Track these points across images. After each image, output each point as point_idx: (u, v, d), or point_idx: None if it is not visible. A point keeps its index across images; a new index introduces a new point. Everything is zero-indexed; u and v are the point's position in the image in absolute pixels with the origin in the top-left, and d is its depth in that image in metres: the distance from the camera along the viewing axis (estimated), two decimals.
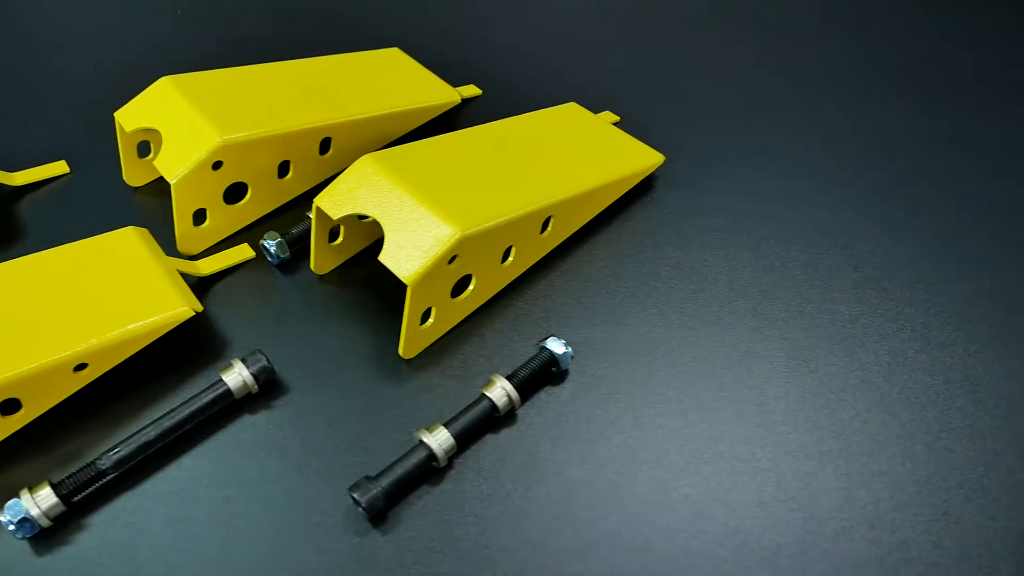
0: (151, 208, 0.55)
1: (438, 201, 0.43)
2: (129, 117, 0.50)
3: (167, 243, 0.50)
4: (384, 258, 0.42)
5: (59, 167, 0.57)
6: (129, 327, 0.42)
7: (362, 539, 0.38)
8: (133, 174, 0.55)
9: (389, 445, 0.42)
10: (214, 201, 0.50)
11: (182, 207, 0.48)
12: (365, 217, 0.47)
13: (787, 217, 0.56)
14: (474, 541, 0.38)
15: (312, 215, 0.46)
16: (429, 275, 0.41)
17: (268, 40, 0.73)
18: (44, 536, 0.38)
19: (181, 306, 0.44)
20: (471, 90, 0.64)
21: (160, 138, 0.53)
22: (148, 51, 0.71)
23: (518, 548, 0.38)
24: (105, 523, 0.39)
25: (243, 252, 0.50)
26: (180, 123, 0.48)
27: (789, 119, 0.65)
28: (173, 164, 0.47)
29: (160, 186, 0.57)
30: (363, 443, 0.42)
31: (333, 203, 0.45)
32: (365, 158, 0.45)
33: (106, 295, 0.43)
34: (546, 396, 0.44)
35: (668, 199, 0.57)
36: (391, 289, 0.49)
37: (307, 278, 0.50)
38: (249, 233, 0.53)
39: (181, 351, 0.46)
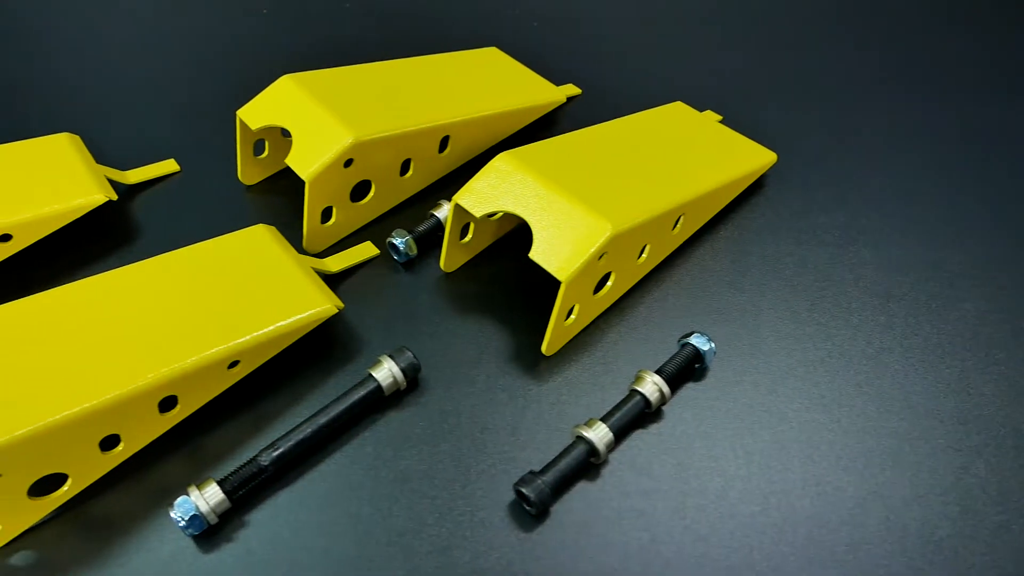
0: (263, 206, 0.56)
1: (586, 199, 0.43)
2: (253, 115, 0.50)
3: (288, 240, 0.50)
4: (536, 255, 0.42)
5: (169, 165, 0.57)
6: (279, 324, 0.42)
7: (528, 535, 0.38)
8: (248, 172, 0.55)
9: (539, 441, 0.42)
10: (341, 199, 0.50)
11: (313, 204, 0.48)
12: (493, 214, 0.47)
13: (905, 215, 0.56)
14: (639, 535, 0.38)
15: (449, 213, 0.46)
16: (582, 272, 0.42)
17: (356, 39, 0.73)
18: (207, 533, 0.38)
19: (325, 303, 0.44)
20: (571, 89, 0.64)
21: (277, 136, 0.54)
22: (239, 50, 0.71)
23: (684, 542, 0.38)
24: (266, 520, 0.39)
25: (368, 250, 0.51)
26: (309, 121, 0.48)
27: (902, 116, 0.65)
28: (307, 161, 0.47)
29: (271, 184, 0.57)
30: (513, 439, 0.42)
31: (474, 201, 0.45)
32: (504, 156, 0.46)
33: (251, 292, 0.43)
34: (689, 392, 0.44)
35: (782, 197, 0.57)
36: (518, 286, 0.50)
37: (432, 275, 0.51)
38: (366, 232, 0.53)
39: (316, 349, 0.46)
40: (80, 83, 0.67)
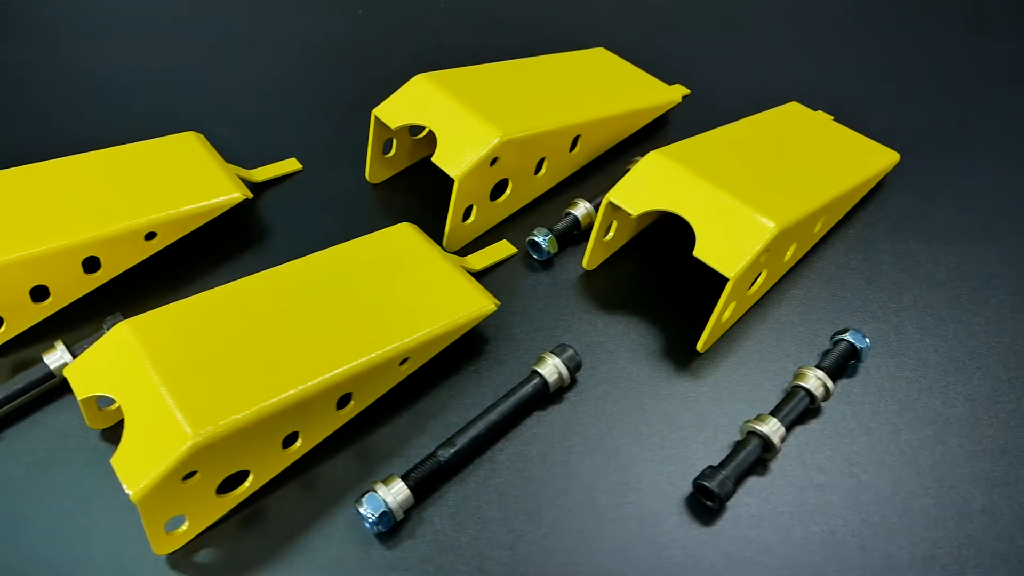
0: (388, 204, 0.56)
1: (745, 196, 0.43)
2: (390, 114, 0.51)
3: None
4: (701, 253, 0.42)
5: (292, 164, 0.57)
6: (447, 322, 0.42)
7: (708, 528, 0.39)
8: (375, 171, 0.55)
9: (703, 438, 0.42)
10: (483, 197, 0.50)
11: (460, 202, 0.48)
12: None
13: None
14: (818, 529, 0.39)
15: (600, 211, 0.47)
16: (749, 270, 0.42)
17: (453, 39, 0.73)
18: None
19: (486, 301, 0.44)
20: (681, 90, 0.64)
21: (405, 135, 0.54)
22: (339, 50, 0.72)
23: (865, 536, 0.38)
24: (442, 516, 0.39)
25: (506, 248, 0.51)
26: (453, 120, 0.49)
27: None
28: (455, 160, 0.47)
29: (396, 182, 0.57)
30: (676, 435, 0.42)
31: (628, 199, 0.45)
32: (656, 154, 0.46)
33: (414, 290, 0.44)
34: (843, 388, 0.45)
35: (905, 197, 0.57)
36: (655, 283, 0.50)
37: (571, 273, 0.51)
38: (494, 232, 0.54)
39: (468, 346, 0.46)
40: (192, 81, 0.68)
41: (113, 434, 0.42)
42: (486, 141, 0.47)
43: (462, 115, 0.49)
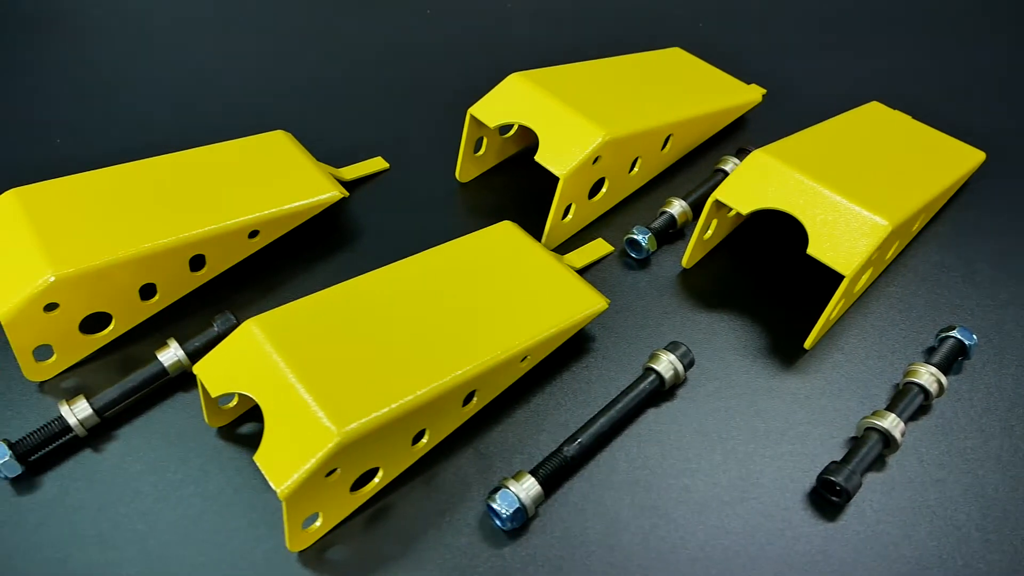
0: (477, 202, 0.56)
1: (858, 195, 0.44)
2: (487, 113, 0.51)
3: None
4: (815, 251, 0.43)
5: (379, 163, 0.57)
6: (565, 320, 0.42)
7: (834, 524, 0.39)
8: (466, 169, 0.56)
9: (819, 433, 0.43)
10: (582, 195, 0.50)
11: (562, 200, 0.48)
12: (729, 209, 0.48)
13: None
14: (942, 524, 0.39)
15: (706, 209, 0.47)
16: (863, 268, 0.43)
17: (522, 38, 0.74)
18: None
19: (599, 299, 0.44)
20: (759, 89, 0.64)
21: (495, 133, 0.55)
22: (410, 50, 0.72)
23: (989, 528, 0.39)
24: (571, 512, 0.39)
25: (602, 247, 0.51)
26: (555, 118, 0.49)
27: None
28: (560, 159, 0.48)
29: (484, 180, 0.58)
30: (791, 431, 0.43)
31: (738, 198, 0.46)
32: (759, 154, 0.46)
33: (528, 289, 0.44)
34: (950, 386, 0.45)
35: (990, 196, 0.57)
36: (753, 280, 0.51)
37: (669, 271, 0.51)
38: (587, 230, 0.54)
39: (574, 343, 0.46)
40: (271, 80, 0.68)
41: (227, 431, 0.43)
42: (590, 140, 0.48)
43: (564, 114, 0.49)
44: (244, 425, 0.43)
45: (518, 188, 0.57)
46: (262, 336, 0.38)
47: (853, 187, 0.45)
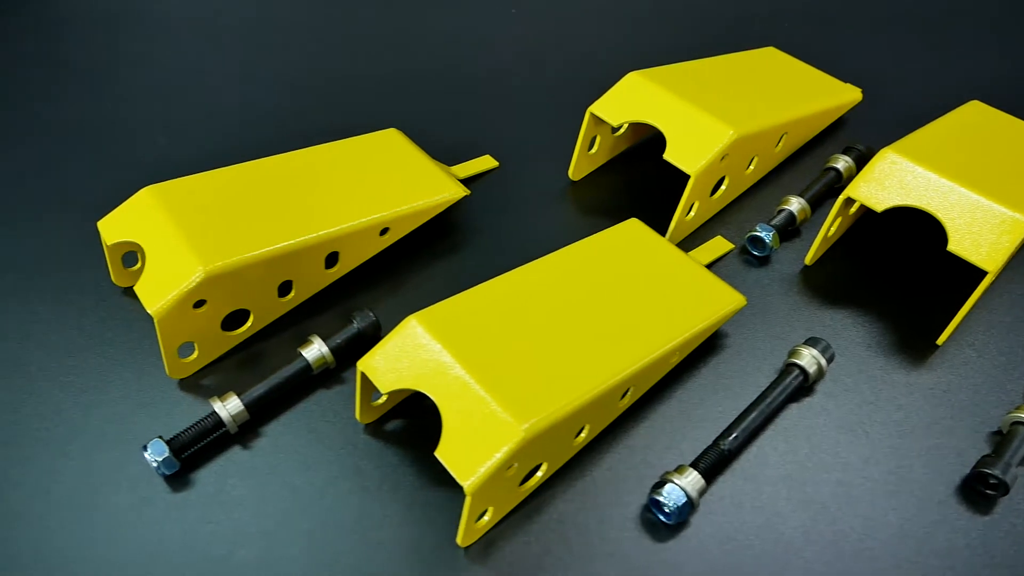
0: (590, 200, 0.56)
1: (995, 193, 0.44)
2: (608, 111, 0.51)
3: None
4: (956, 248, 0.44)
5: (489, 161, 0.58)
6: (708, 319, 0.43)
7: (991, 517, 0.39)
8: (579, 167, 0.56)
9: (965, 428, 0.43)
10: (706, 192, 0.51)
11: (691, 198, 0.49)
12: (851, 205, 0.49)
13: None
14: None
15: (836, 206, 0.48)
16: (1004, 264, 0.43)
17: (609, 37, 0.74)
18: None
19: (738, 297, 0.45)
20: (856, 89, 0.64)
21: (607, 131, 0.55)
22: (499, 48, 0.72)
23: None
24: (729, 505, 0.40)
25: (723, 244, 0.52)
26: (681, 117, 0.49)
27: None
28: (690, 156, 0.48)
29: (593, 178, 0.58)
30: (939, 426, 0.43)
31: (873, 197, 0.46)
32: (891, 150, 0.47)
33: (668, 287, 0.44)
34: None
35: None
36: (875, 276, 0.51)
37: (790, 268, 0.51)
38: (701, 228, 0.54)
39: (706, 341, 0.46)
40: (374, 78, 0.68)
41: (374, 427, 0.43)
42: (720, 138, 0.48)
43: (690, 112, 0.49)
44: (390, 421, 0.43)
45: (626, 185, 0.57)
46: (427, 332, 0.38)
47: (987, 184, 0.45)
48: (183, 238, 0.42)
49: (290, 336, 0.47)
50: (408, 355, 0.38)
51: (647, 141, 0.61)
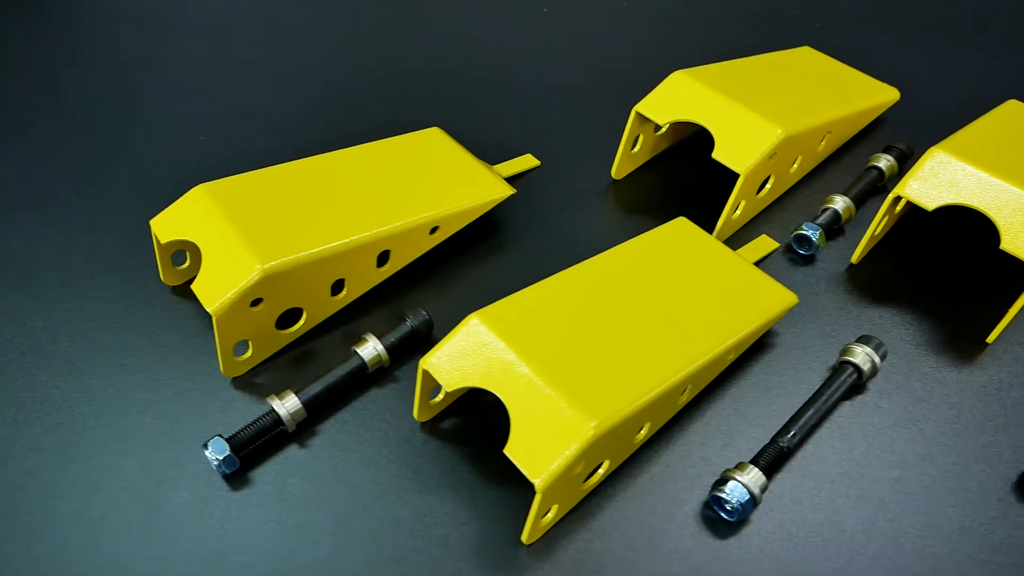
0: (634, 199, 0.56)
1: None
2: (654, 110, 0.51)
3: None
4: (1009, 247, 0.44)
5: (530, 160, 0.58)
6: (762, 317, 0.43)
7: None
8: (622, 167, 0.56)
9: (1019, 425, 0.43)
10: (752, 191, 0.51)
11: (739, 196, 0.49)
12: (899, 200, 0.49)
13: None
14: None
15: (885, 204, 0.48)
16: None
17: (642, 38, 0.74)
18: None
19: (790, 295, 0.45)
20: (893, 88, 0.64)
21: (650, 131, 0.55)
22: (533, 48, 0.72)
23: None
24: (788, 502, 0.40)
25: (768, 243, 0.52)
26: (728, 116, 0.50)
27: None
28: (738, 155, 0.48)
29: (634, 178, 0.58)
30: (992, 423, 0.43)
31: (925, 195, 0.46)
32: (940, 148, 0.47)
33: (722, 286, 0.44)
34: None
35: None
36: (922, 276, 0.51)
37: (835, 266, 0.52)
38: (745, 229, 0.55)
39: (758, 339, 0.47)
40: (414, 77, 0.68)
41: (428, 426, 0.43)
42: (768, 137, 0.48)
43: (738, 111, 0.49)
44: (445, 420, 0.43)
45: (667, 184, 0.58)
46: (490, 330, 0.38)
47: None
48: (239, 236, 0.42)
49: (340, 335, 0.47)
50: (472, 354, 0.38)
51: (685, 140, 0.61)
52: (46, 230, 0.53)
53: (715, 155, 0.49)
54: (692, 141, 0.61)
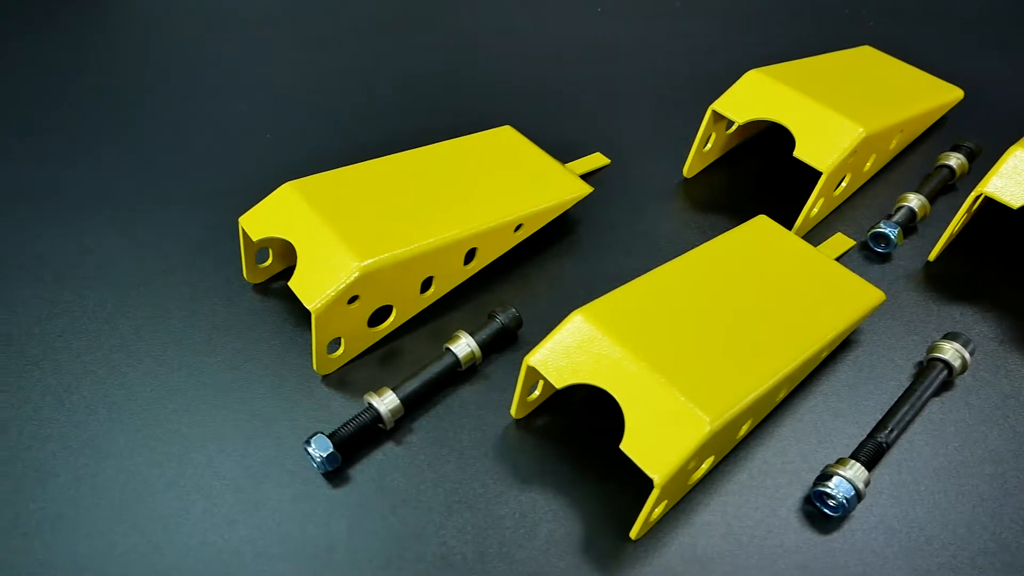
0: (702, 198, 0.56)
1: None
2: (732, 109, 0.52)
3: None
4: None
5: (600, 158, 0.58)
6: (854, 317, 0.43)
7: None
8: (694, 165, 0.56)
9: None
10: (831, 189, 0.51)
11: (820, 194, 0.49)
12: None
13: None
14: None
15: (968, 202, 0.48)
16: None
17: (697, 38, 0.74)
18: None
19: (878, 293, 0.45)
20: (955, 87, 0.64)
21: (721, 130, 0.55)
22: (584, 52, 0.73)
23: None
24: (889, 499, 0.40)
25: (844, 241, 0.52)
26: (809, 115, 0.50)
27: None
28: (821, 154, 0.48)
29: (704, 176, 0.58)
30: None
31: (1010, 193, 0.47)
32: (1017, 149, 0.47)
33: (814, 286, 0.44)
34: None
35: None
36: (999, 271, 0.51)
37: (912, 264, 0.52)
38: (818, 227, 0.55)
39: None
40: (484, 76, 0.68)
41: (525, 424, 0.43)
42: (850, 135, 0.48)
43: (818, 110, 0.50)
44: (539, 417, 0.44)
45: (734, 182, 0.58)
46: (596, 327, 0.38)
47: None
48: (335, 234, 0.42)
49: (425, 332, 0.48)
50: (579, 350, 0.38)
51: (750, 139, 0.61)
52: (117, 230, 0.53)
53: (796, 154, 0.49)
54: (757, 139, 0.62)
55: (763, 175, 0.59)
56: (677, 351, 0.38)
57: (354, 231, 0.43)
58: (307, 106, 0.65)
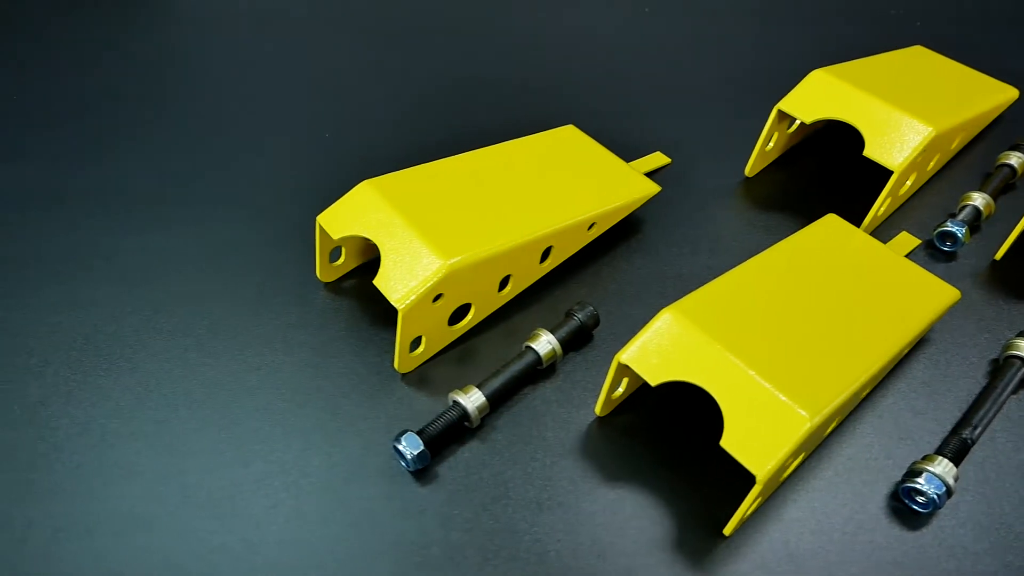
0: (765, 197, 0.57)
1: None
2: (799, 108, 0.52)
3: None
4: None
5: (661, 158, 0.58)
6: (931, 318, 0.43)
7: None
8: (756, 164, 0.57)
9: None
10: (899, 188, 0.51)
11: (891, 191, 0.50)
12: None
13: None
14: None
15: None
16: None
17: (746, 39, 0.74)
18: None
19: (953, 291, 0.45)
20: (1010, 86, 0.64)
21: (784, 129, 0.56)
22: (635, 51, 0.73)
23: None
24: (975, 496, 0.40)
25: (910, 240, 0.52)
26: (878, 115, 0.50)
27: None
28: (892, 152, 0.49)
29: (766, 177, 0.58)
30: None
31: None
32: None
33: (890, 288, 0.44)
34: None
35: None
36: None
37: (977, 262, 0.52)
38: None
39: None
40: (546, 75, 0.69)
41: (608, 421, 0.43)
42: (920, 134, 0.49)
43: (887, 109, 0.50)
44: (620, 416, 0.44)
45: (795, 181, 0.58)
46: (687, 324, 0.39)
47: None
48: (417, 233, 0.42)
49: (498, 331, 0.48)
50: (671, 348, 0.39)
51: (808, 138, 0.62)
52: (186, 230, 0.53)
53: (867, 153, 0.49)
54: (813, 139, 0.62)
55: (822, 174, 0.59)
56: (769, 348, 0.38)
57: (436, 229, 0.43)
58: (363, 106, 0.65)
